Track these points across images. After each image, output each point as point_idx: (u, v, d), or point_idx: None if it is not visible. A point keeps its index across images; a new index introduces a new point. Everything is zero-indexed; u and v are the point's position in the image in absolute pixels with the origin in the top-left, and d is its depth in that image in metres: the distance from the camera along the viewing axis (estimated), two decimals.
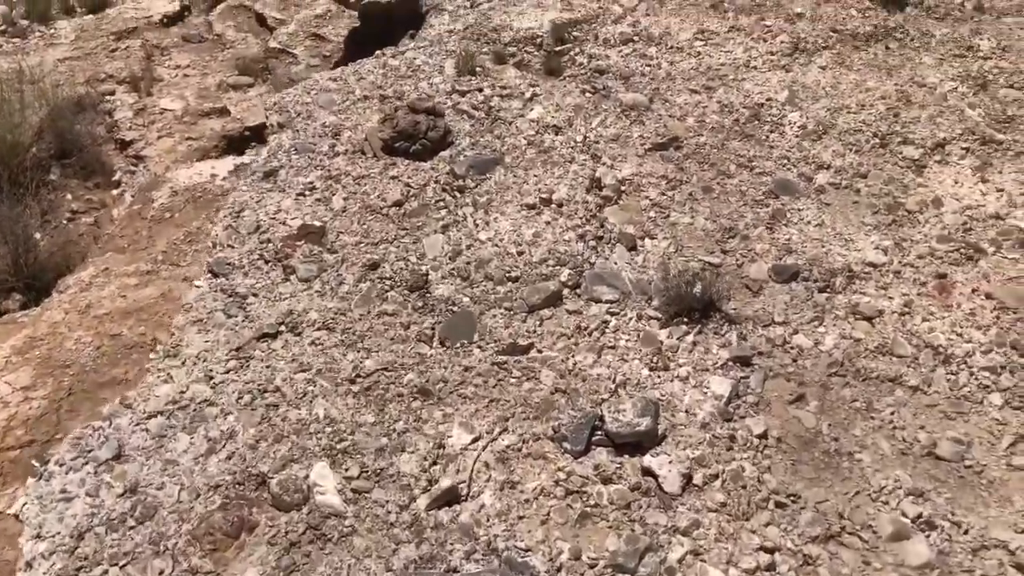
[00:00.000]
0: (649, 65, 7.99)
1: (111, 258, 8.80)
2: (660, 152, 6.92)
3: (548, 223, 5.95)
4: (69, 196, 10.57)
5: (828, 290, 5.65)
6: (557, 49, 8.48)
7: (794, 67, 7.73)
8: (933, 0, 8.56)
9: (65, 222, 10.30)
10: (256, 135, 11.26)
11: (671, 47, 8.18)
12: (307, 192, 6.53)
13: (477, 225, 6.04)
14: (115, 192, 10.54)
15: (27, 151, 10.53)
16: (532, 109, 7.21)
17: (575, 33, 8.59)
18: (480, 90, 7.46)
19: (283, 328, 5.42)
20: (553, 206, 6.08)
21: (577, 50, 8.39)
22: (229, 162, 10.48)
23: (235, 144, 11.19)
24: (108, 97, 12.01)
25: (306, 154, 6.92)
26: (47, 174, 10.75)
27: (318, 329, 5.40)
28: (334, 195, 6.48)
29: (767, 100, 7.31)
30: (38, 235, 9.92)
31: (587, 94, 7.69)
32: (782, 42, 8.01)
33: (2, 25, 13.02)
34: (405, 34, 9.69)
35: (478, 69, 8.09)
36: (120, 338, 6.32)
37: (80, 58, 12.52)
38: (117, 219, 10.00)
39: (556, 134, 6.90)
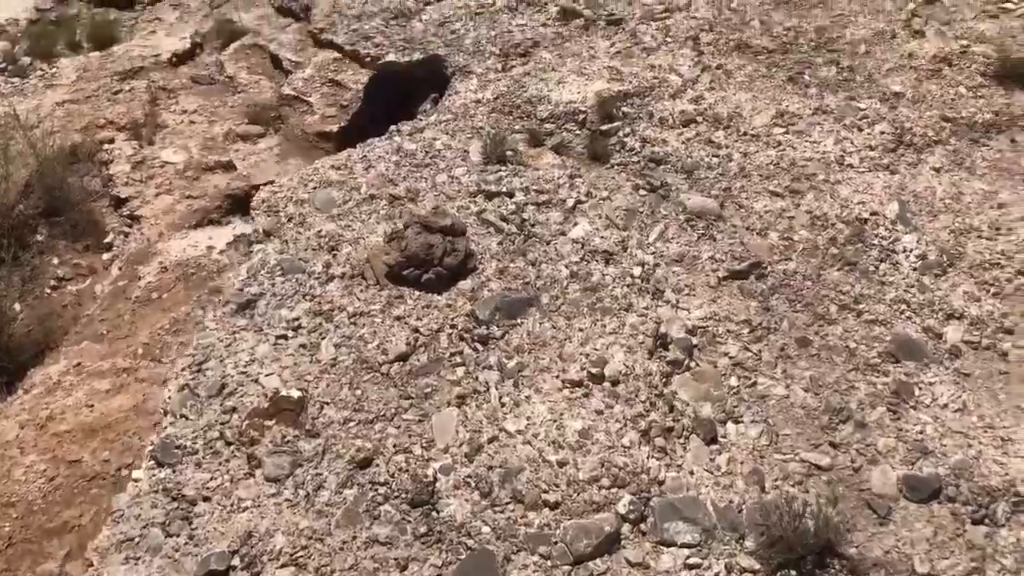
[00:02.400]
0: (717, 156, 6.18)
1: (86, 349, 7.20)
2: (739, 282, 5.13)
3: (600, 413, 4.16)
4: (56, 260, 8.93)
5: (987, 521, 3.85)
6: (603, 128, 6.69)
7: (900, 167, 5.89)
8: None
9: (49, 291, 8.66)
10: None
11: (744, 133, 6.35)
12: (290, 334, 4.79)
13: (503, 404, 4.27)
14: (106, 256, 8.90)
15: (11, 210, 8.91)
16: (575, 224, 5.41)
17: (625, 109, 6.79)
18: (511, 195, 5.66)
19: (237, 562, 3.70)
20: (606, 384, 4.29)
21: (628, 130, 6.60)
22: (229, 231, 8.81)
23: (240, 204, 9.53)
24: (107, 146, 10.35)
25: (294, 276, 5.18)
26: (33, 234, 9.11)
27: (284, 566, 3.67)
28: (323, 339, 4.75)
29: (872, 215, 5.48)
30: (18, 306, 8.32)
31: (641, 192, 5.90)
32: (882, 132, 6.15)
33: (2, 63, 11.35)
34: (428, 97, 7.93)
35: (509, 154, 6.32)
36: (79, 466, 5.19)
37: (80, 101, 10.84)
38: (100, 296, 8.37)
39: (606, 263, 5.10)
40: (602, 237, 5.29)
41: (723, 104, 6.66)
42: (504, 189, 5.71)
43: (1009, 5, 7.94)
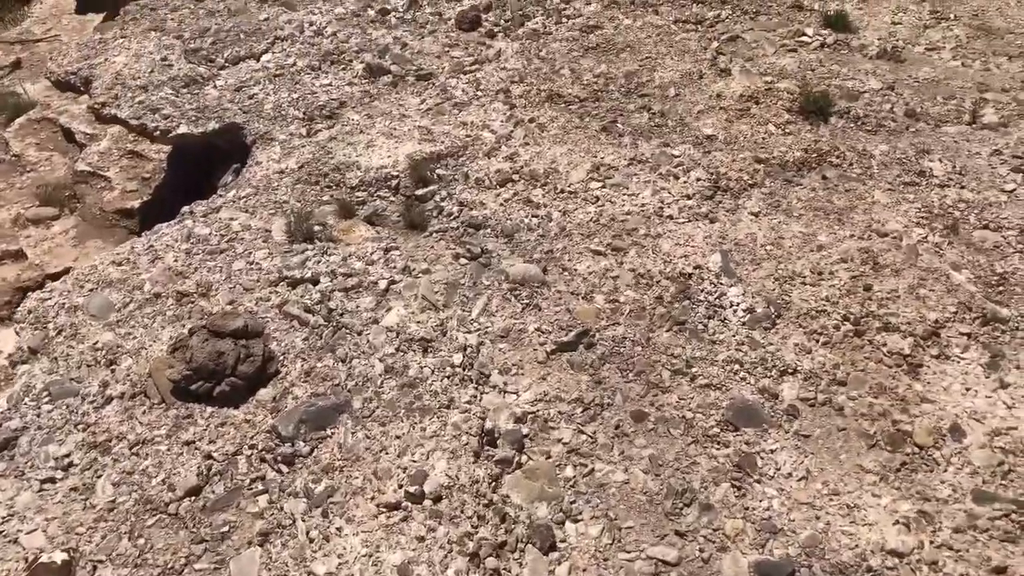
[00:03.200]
0: (537, 216, 5.78)
1: None
2: (567, 354, 4.71)
3: (421, 539, 3.59)
4: None
5: None
6: (419, 193, 6.19)
7: (719, 214, 5.65)
8: (861, 109, 6.64)
9: None
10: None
11: (561, 190, 5.98)
12: (59, 475, 4.01)
13: (312, 540, 3.64)
14: None
15: None
16: (389, 308, 4.85)
17: (440, 171, 6.31)
18: (316, 281, 5.05)
19: None
20: (428, 503, 3.72)
21: (444, 194, 6.12)
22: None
23: None
24: None
25: (65, 401, 4.38)
26: None
27: None
28: (99, 478, 3.99)
29: (695, 268, 5.19)
30: None
31: (462, 261, 5.42)
32: (698, 179, 5.92)
33: None
34: (230, 168, 7.20)
35: (317, 228, 5.72)
36: None
37: None
38: None
39: (424, 352, 4.56)
40: (418, 322, 4.74)
41: (539, 160, 6.28)
42: (309, 274, 5.10)
43: (805, 38, 7.99)
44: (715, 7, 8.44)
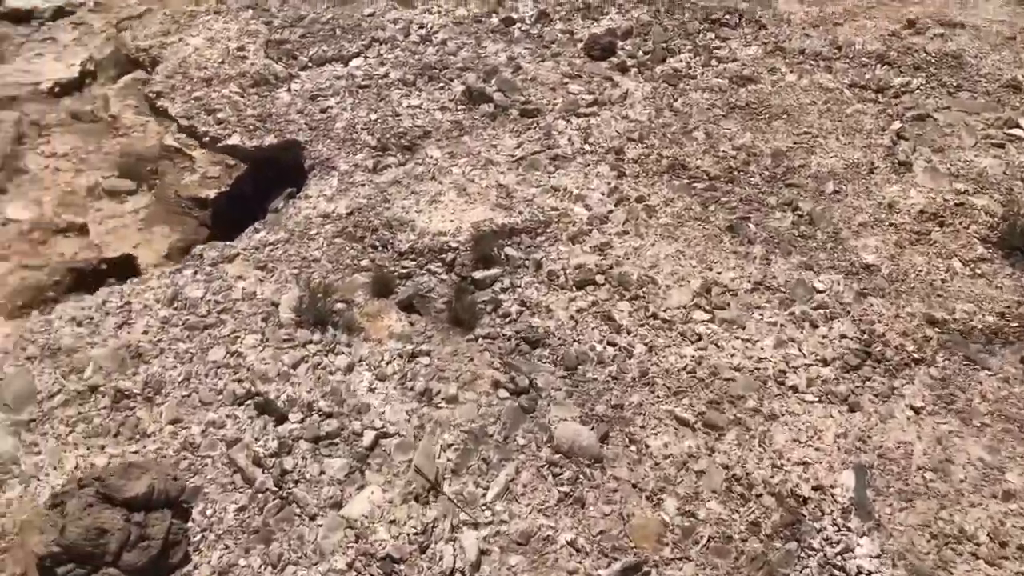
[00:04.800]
0: (614, 344, 4.15)
1: None
2: None
3: None
4: None
5: None
6: (476, 276, 4.65)
7: (864, 400, 3.86)
8: None
9: None
10: (118, 270, 7.53)
11: (654, 313, 4.31)
12: None
13: None
14: None
15: None
16: (362, 487, 3.33)
17: (509, 251, 4.75)
18: (283, 418, 3.60)
19: None
20: None
21: (506, 283, 4.57)
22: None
23: (84, 281, 7.44)
24: None
25: None
26: None
27: None
28: None
29: (815, 490, 3.46)
30: None
31: (501, 394, 3.87)
32: (843, 336, 4.12)
33: None
34: (284, 191, 5.86)
35: (339, 308, 4.29)
36: None
37: None
38: None
39: (395, 565, 3.05)
40: (393, 523, 3.22)
41: (635, 259, 4.62)
42: (287, 394, 3.65)
43: (1018, 131, 5.95)
44: (904, 72, 6.44)
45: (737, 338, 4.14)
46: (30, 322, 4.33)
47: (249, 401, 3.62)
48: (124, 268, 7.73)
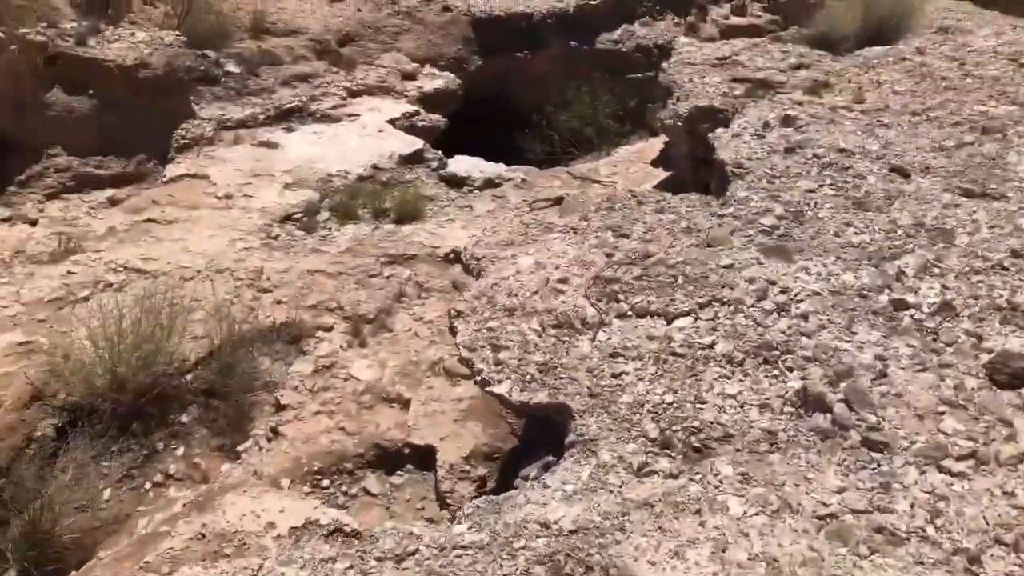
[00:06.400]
0: None
1: None
2: None
3: None
4: (180, 451, 7.57)
5: None
6: None
7: None
8: None
9: (149, 488, 7.29)
10: (419, 458, 7.47)
11: None
12: None
13: None
14: (226, 468, 7.31)
15: (172, 377, 7.74)
16: None
17: None
18: None
19: None
20: None
21: None
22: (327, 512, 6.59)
23: (384, 460, 7.45)
24: (320, 333, 8.95)
25: None
26: (181, 412, 7.88)
27: None
28: None
29: None
30: (108, 492, 7.07)
31: None
32: None
33: (302, 213, 10.61)
34: (542, 458, 5.04)
35: None
36: None
37: (331, 275, 9.60)
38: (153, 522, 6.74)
39: None
40: None
41: None
42: None
43: None
44: None
45: None
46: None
47: None
48: (424, 457, 7.52)
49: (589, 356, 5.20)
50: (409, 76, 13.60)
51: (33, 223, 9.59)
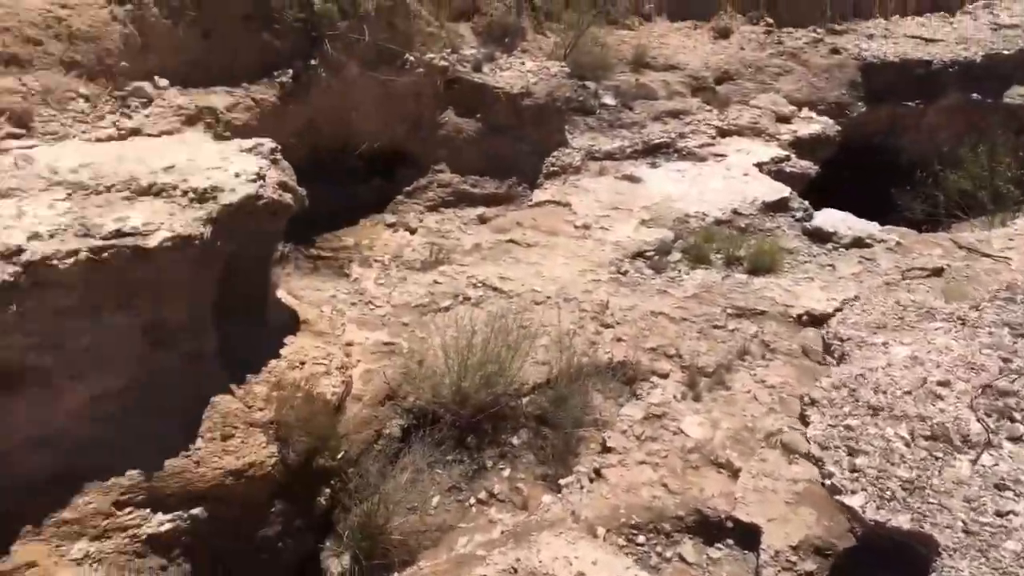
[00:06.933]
0: None
1: None
2: None
3: None
4: (507, 471, 7.90)
5: None
6: None
7: None
8: None
9: (473, 503, 7.66)
10: (740, 534, 7.06)
11: None
12: None
13: None
14: (547, 499, 7.48)
15: (511, 398, 8.07)
16: None
17: None
18: None
19: None
20: None
21: None
22: None
23: (704, 528, 7.14)
24: (655, 379, 8.82)
25: None
26: (513, 434, 8.18)
27: None
28: None
29: None
30: (436, 499, 7.59)
31: None
32: None
33: (654, 252, 10.59)
34: None
35: None
36: None
37: (674, 319, 9.46)
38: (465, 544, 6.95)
39: None
40: None
41: None
42: None
43: None
44: None
45: None
46: None
47: None
48: (748, 535, 7.06)
49: (968, 482, 4.38)
50: (784, 119, 12.96)
51: (413, 231, 10.48)
